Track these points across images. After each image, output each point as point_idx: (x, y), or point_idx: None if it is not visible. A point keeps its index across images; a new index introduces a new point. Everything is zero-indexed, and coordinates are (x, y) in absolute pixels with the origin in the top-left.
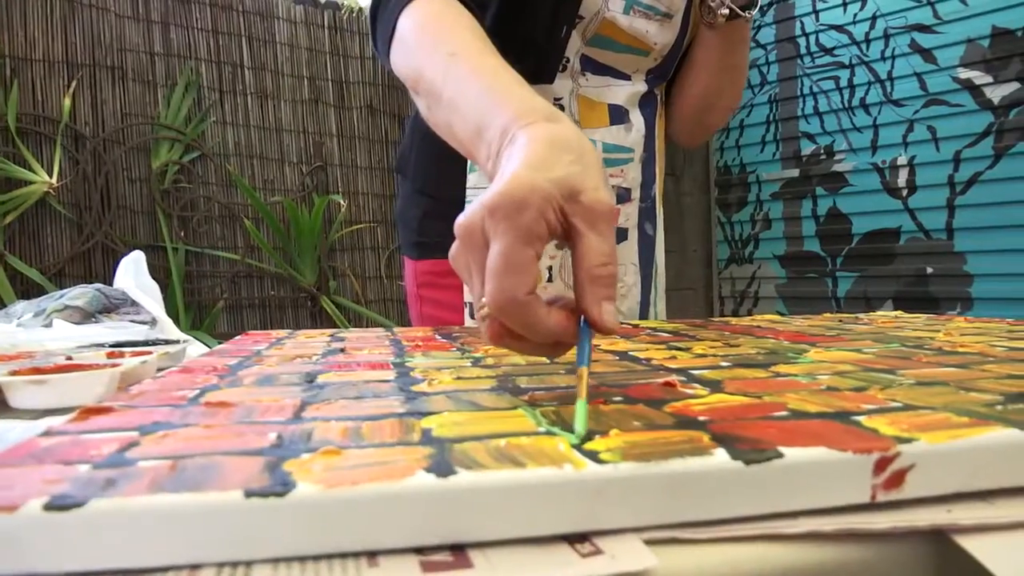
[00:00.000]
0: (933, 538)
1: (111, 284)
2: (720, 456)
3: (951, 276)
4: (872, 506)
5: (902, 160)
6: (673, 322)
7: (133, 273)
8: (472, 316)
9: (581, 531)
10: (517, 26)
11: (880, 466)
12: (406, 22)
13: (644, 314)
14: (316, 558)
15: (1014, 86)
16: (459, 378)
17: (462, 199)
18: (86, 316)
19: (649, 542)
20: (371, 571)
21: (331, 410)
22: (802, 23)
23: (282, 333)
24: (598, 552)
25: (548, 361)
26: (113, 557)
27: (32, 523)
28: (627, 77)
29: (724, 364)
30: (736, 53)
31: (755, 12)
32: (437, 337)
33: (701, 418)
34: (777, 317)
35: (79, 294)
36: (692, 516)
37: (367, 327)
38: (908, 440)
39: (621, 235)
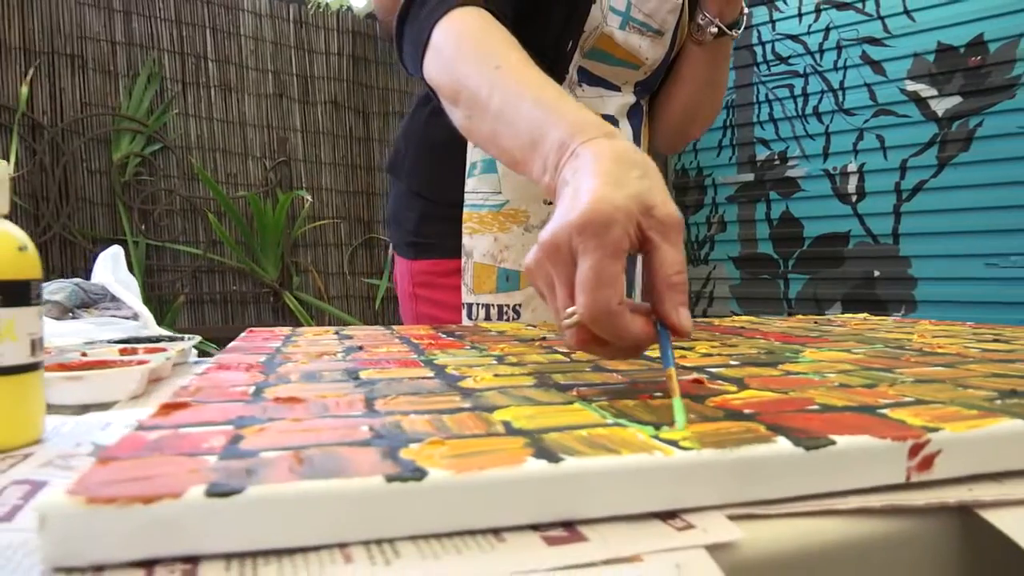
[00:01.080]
0: (959, 512)
1: (69, 277)
2: (783, 443)
3: (897, 279)
4: (907, 486)
5: (852, 167)
6: None
7: (112, 268)
8: (470, 317)
9: (670, 509)
10: (530, 37)
11: (914, 451)
12: (443, 33)
13: None
14: (450, 535)
15: (957, 100)
16: (497, 375)
17: (460, 202)
18: (64, 311)
19: (729, 518)
20: (500, 545)
21: (399, 404)
22: (759, 32)
23: (286, 331)
24: (691, 527)
25: (569, 360)
26: (268, 538)
27: (195, 508)
28: (618, 89)
29: (734, 363)
30: (720, 68)
31: (740, 30)
32: (443, 335)
33: (746, 411)
34: (756, 318)
35: (57, 289)
36: (762, 495)
37: (329, 324)
38: (935, 429)
39: None
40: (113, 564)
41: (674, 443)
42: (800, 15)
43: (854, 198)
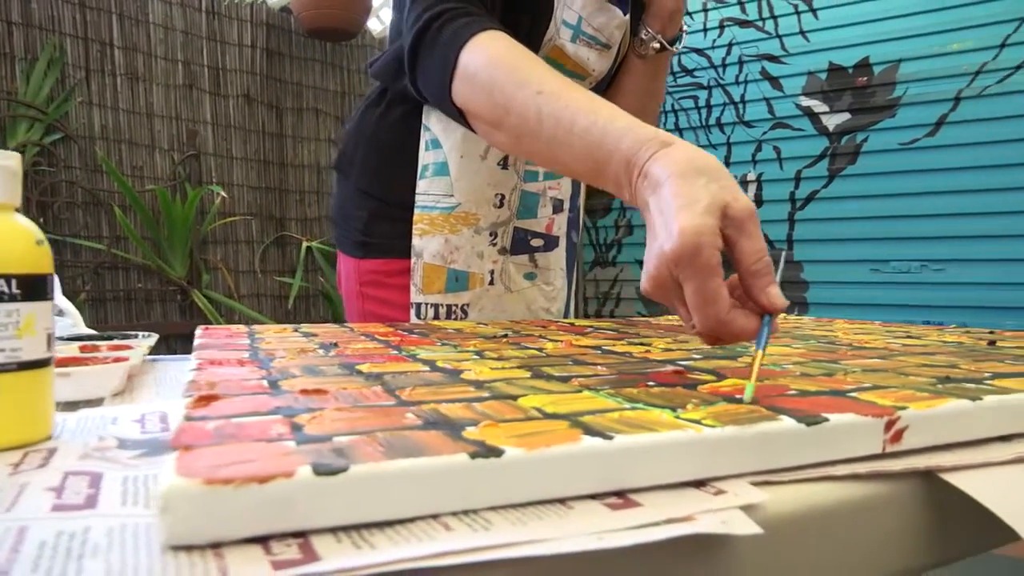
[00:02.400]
0: (925, 476)
1: None
2: (788, 421)
3: (791, 283)
4: (882, 455)
5: (751, 176)
6: (602, 320)
7: None
8: (419, 316)
9: (702, 478)
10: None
11: (888, 427)
12: (473, 58)
13: (567, 314)
14: (524, 505)
15: (846, 116)
16: (493, 368)
17: (410, 203)
18: None
19: (751, 484)
20: (571, 512)
21: (423, 395)
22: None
23: (243, 329)
24: (722, 492)
25: (544, 354)
26: (370, 512)
27: (305, 486)
28: None
29: (697, 356)
30: (659, 80)
31: (680, 45)
32: (404, 333)
33: (738, 396)
34: None
35: None
36: (774, 464)
37: (241, 322)
38: (902, 408)
39: (554, 243)
40: (229, 541)
41: (697, 422)
42: (705, 30)
43: None
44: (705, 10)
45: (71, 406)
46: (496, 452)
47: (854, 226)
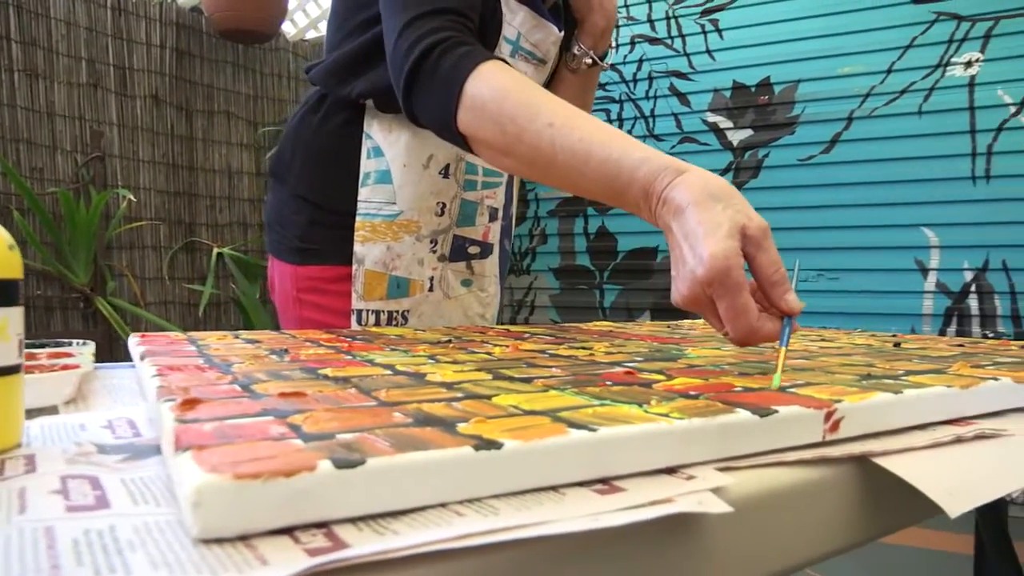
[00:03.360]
0: (859, 460)
1: None
2: (743, 413)
3: None
4: (823, 443)
5: None
6: (535, 327)
7: None
8: (359, 322)
9: (674, 465)
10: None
11: (827, 417)
12: (479, 88)
13: (498, 319)
14: (522, 492)
15: (748, 132)
16: (455, 371)
17: (349, 210)
18: None
19: (717, 469)
20: (565, 498)
21: (399, 396)
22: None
23: (182, 336)
24: (693, 477)
25: (494, 358)
26: (385, 502)
27: (328, 479)
28: None
29: (639, 359)
30: (589, 94)
31: (608, 61)
32: (348, 339)
33: (692, 393)
34: (614, 324)
35: None
36: (734, 452)
37: (148, 330)
38: (838, 400)
39: (488, 250)
40: (257, 532)
41: (665, 415)
42: (617, 46)
43: None
44: (617, 27)
45: (26, 413)
46: (496, 445)
47: None
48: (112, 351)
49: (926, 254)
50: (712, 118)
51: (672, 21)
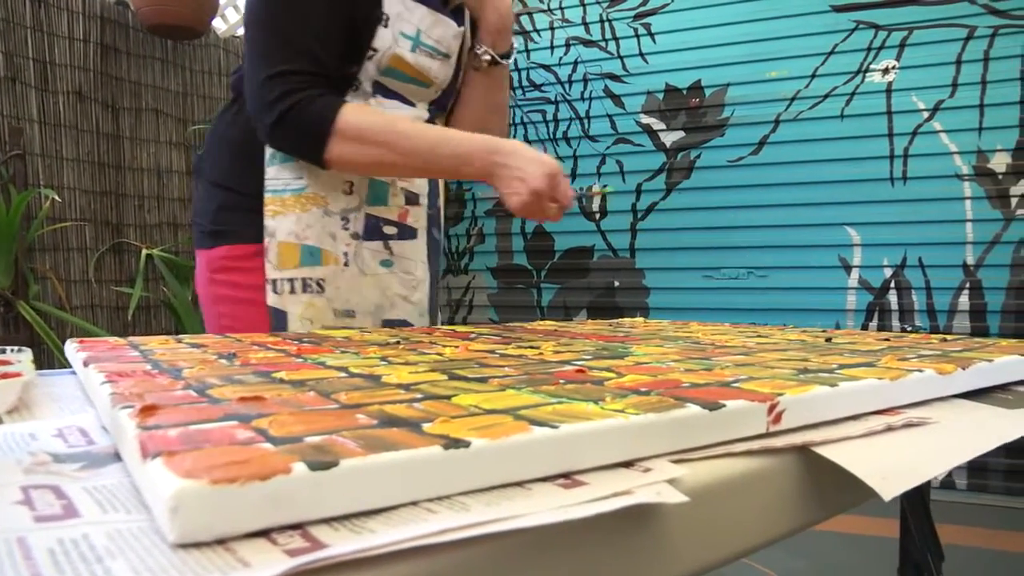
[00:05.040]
0: (801, 450)
1: None
2: (693, 408)
3: (633, 289)
4: (767, 435)
5: (596, 188)
6: (480, 327)
7: None
8: (275, 291)
9: (631, 459)
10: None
11: (770, 410)
12: (347, 124)
13: (433, 306)
14: (490, 488)
15: (680, 134)
16: (410, 372)
17: (259, 191)
18: None
19: (671, 462)
20: (532, 493)
21: (358, 398)
22: (516, 59)
23: (123, 341)
24: (649, 470)
25: (446, 359)
26: (359, 502)
27: (303, 481)
28: (412, 104)
29: (587, 357)
30: (497, 93)
31: (511, 60)
32: (295, 342)
33: (643, 389)
34: (556, 322)
35: None
36: (685, 444)
37: (74, 335)
38: (780, 394)
39: (411, 233)
40: (234, 536)
41: (621, 411)
42: (552, 47)
43: (597, 216)
44: (552, 28)
45: None
46: (464, 443)
47: (689, 236)
48: (38, 358)
49: (849, 252)
50: (645, 120)
51: (606, 24)
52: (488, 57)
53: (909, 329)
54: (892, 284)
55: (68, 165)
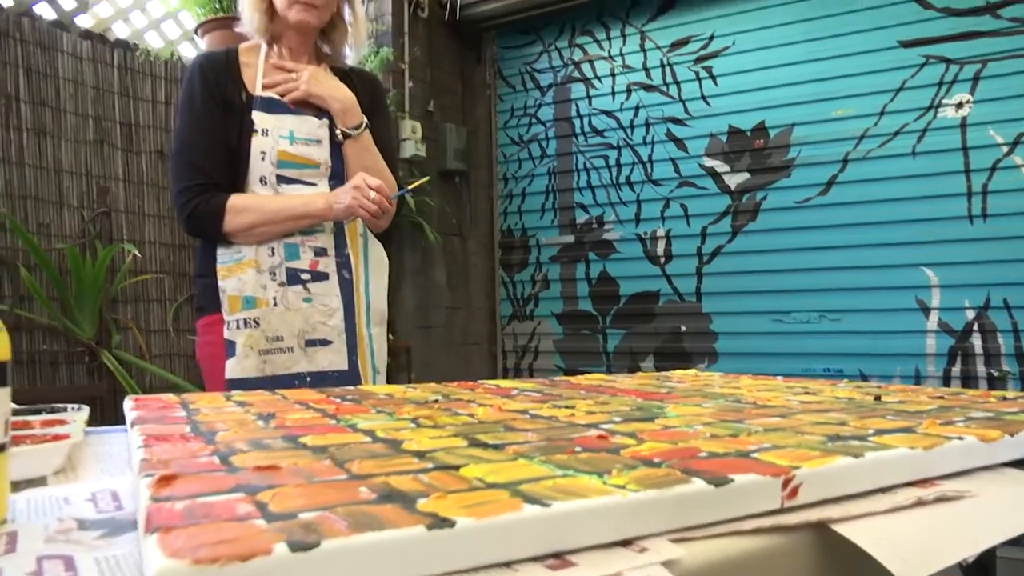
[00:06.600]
0: (817, 527)
1: None
2: (698, 482)
3: (700, 334)
4: (781, 510)
5: (660, 232)
6: (525, 381)
7: None
8: (228, 329)
9: (628, 537)
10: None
11: (785, 484)
12: (232, 205)
13: (352, 333)
14: (476, 569)
15: (745, 176)
16: (431, 438)
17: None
18: None
19: (671, 541)
20: (514, 575)
21: (371, 468)
22: (577, 105)
23: (175, 399)
24: (646, 550)
25: (476, 420)
26: None
27: (283, 562)
28: (313, 183)
29: (617, 419)
30: (366, 156)
31: (360, 131)
32: (338, 400)
33: (656, 460)
34: (607, 376)
35: None
36: (689, 522)
37: (153, 383)
38: (797, 467)
39: (322, 276)
40: None
41: (622, 487)
42: (613, 93)
43: (662, 260)
44: (613, 75)
45: (13, 486)
46: (449, 523)
47: (757, 279)
48: (116, 404)
49: (927, 293)
50: (709, 162)
51: (667, 68)
52: (339, 134)
53: (996, 375)
54: (975, 327)
55: (149, 220)
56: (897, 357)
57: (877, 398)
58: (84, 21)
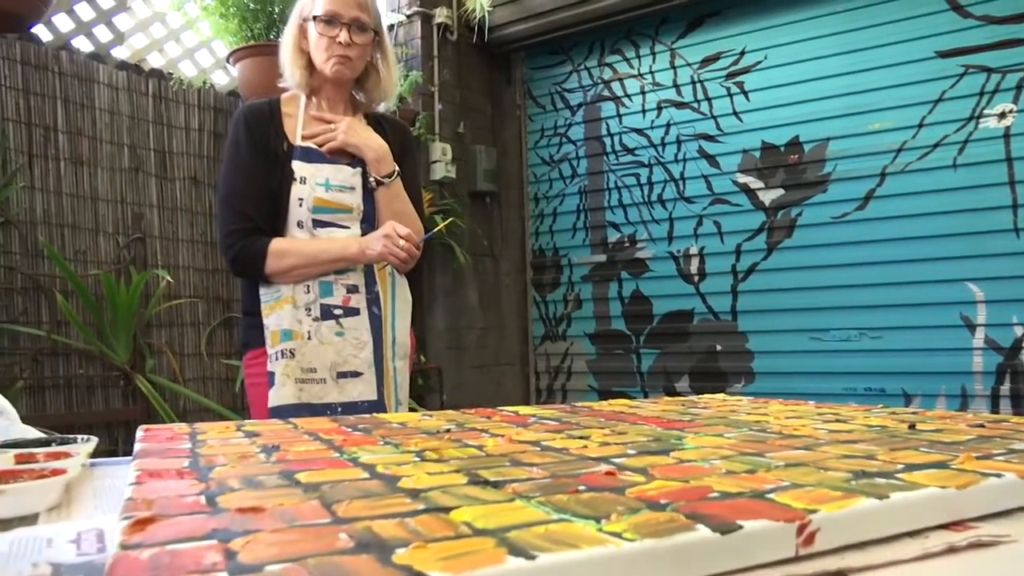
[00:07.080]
0: None
1: None
2: (703, 530)
3: (736, 353)
4: (796, 559)
5: (693, 250)
6: (545, 408)
7: None
8: (272, 360)
9: None
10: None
11: (800, 530)
12: (275, 250)
13: (380, 366)
14: None
15: (780, 191)
16: (430, 474)
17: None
18: None
19: None
20: None
21: (358, 510)
22: (607, 124)
23: (185, 428)
24: None
25: (483, 453)
26: None
27: None
28: (347, 227)
29: (631, 452)
30: (397, 202)
31: (392, 179)
32: (348, 429)
33: (663, 501)
34: (631, 402)
35: None
36: (692, 573)
37: (187, 406)
38: (813, 511)
39: (354, 312)
40: None
41: (618, 535)
42: (644, 111)
43: (696, 278)
44: (643, 92)
45: (4, 524)
46: None
47: (794, 297)
48: None
49: (972, 309)
50: (742, 179)
51: (698, 85)
52: (373, 182)
53: None
54: None
55: (183, 245)
56: (942, 375)
57: (912, 426)
58: (120, 52)
